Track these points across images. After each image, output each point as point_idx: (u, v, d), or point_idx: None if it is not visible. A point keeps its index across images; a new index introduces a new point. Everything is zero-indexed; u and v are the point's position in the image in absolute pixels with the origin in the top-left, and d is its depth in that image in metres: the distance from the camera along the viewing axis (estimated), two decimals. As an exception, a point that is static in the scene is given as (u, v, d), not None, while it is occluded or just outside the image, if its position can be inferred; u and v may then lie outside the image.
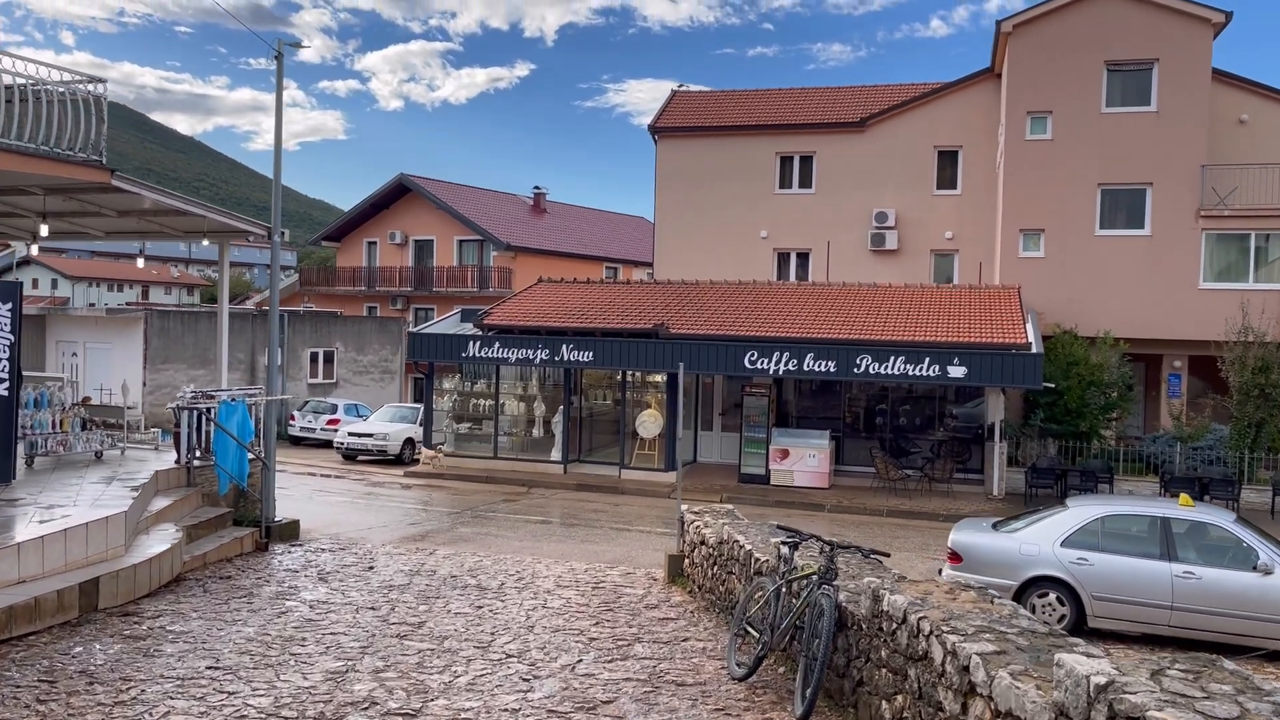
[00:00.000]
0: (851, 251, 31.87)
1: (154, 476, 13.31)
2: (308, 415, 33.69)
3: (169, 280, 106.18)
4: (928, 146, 31.40)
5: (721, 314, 24.68)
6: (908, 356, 20.73)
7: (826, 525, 19.40)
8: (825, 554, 7.26)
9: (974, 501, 21.61)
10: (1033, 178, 26.89)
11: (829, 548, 7.29)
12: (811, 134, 32.64)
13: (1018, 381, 20.12)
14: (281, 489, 22.04)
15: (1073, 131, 26.69)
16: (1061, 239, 26.72)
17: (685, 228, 33.53)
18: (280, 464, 27.03)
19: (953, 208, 31.24)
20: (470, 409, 25.95)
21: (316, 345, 38.01)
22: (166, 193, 13.27)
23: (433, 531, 17.21)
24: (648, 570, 13.66)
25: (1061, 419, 23.22)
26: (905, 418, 25.41)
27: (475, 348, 23.94)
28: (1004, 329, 22.13)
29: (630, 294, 27.10)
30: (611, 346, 23.07)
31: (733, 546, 9.92)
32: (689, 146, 33.79)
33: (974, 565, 12.28)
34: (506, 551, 15.23)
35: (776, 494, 22.15)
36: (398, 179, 46.79)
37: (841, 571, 7.54)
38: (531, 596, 11.35)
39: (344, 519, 18.31)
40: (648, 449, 24.02)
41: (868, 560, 8.12)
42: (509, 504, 20.85)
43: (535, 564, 13.76)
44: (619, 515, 19.88)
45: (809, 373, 21.49)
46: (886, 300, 25.11)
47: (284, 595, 10.92)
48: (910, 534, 18.80)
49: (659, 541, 16.95)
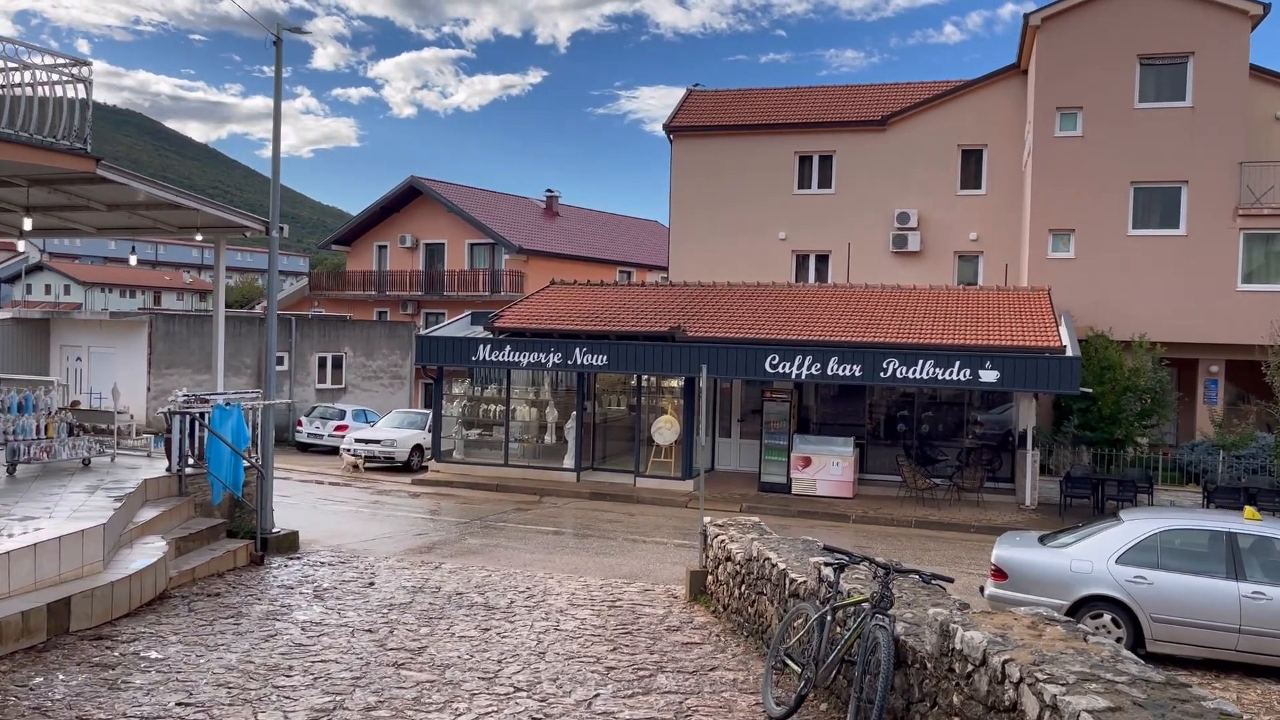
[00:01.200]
0: (872, 253, 30.97)
1: (142, 485, 12.52)
2: (315, 421, 32.93)
3: (181, 286, 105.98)
4: (951, 145, 30.50)
5: (740, 316, 23.81)
6: (937, 360, 19.81)
7: (852, 537, 18.49)
8: (879, 578, 6.37)
9: (1005, 512, 20.65)
10: (1062, 176, 25.95)
11: (883, 571, 6.39)
12: (831, 133, 31.77)
13: (1053, 386, 19.17)
14: (284, 497, 21.32)
15: (1104, 128, 25.74)
16: (1092, 239, 25.76)
17: (701, 229, 32.69)
18: (285, 471, 26.36)
19: (977, 208, 30.32)
20: (480, 414, 25.13)
21: (325, 350, 37.27)
22: (156, 184, 12.50)
23: (440, 543, 16.37)
24: (667, 587, 12.79)
25: (1096, 426, 22.24)
26: (929, 424, 24.48)
27: (486, 351, 23.13)
28: (1036, 332, 21.19)
29: (645, 296, 26.26)
30: (626, 350, 22.22)
31: (763, 565, 9.04)
32: (705, 146, 32.96)
33: (1020, 583, 11.37)
34: (517, 565, 14.38)
35: (798, 504, 21.24)
36: (408, 181, 46.11)
37: (896, 599, 6.63)
38: (543, 617, 10.48)
39: (348, 529, 17.49)
40: (664, 456, 23.14)
41: (927, 586, 7.20)
42: (520, 513, 20.01)
43: (547, 579, 12.90)
44: (634, 526, 19.01)
45: (833, 377, 20.59)
46: (911, 302, 24.20)
47: (274, 615, 10.08)
48: (941, 547, 17.86)
49: (677, 554, 16.08)
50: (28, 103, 11.08)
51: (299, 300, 50.14)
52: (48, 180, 12.53)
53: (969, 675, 5.06)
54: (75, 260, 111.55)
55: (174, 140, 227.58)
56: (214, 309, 14.50)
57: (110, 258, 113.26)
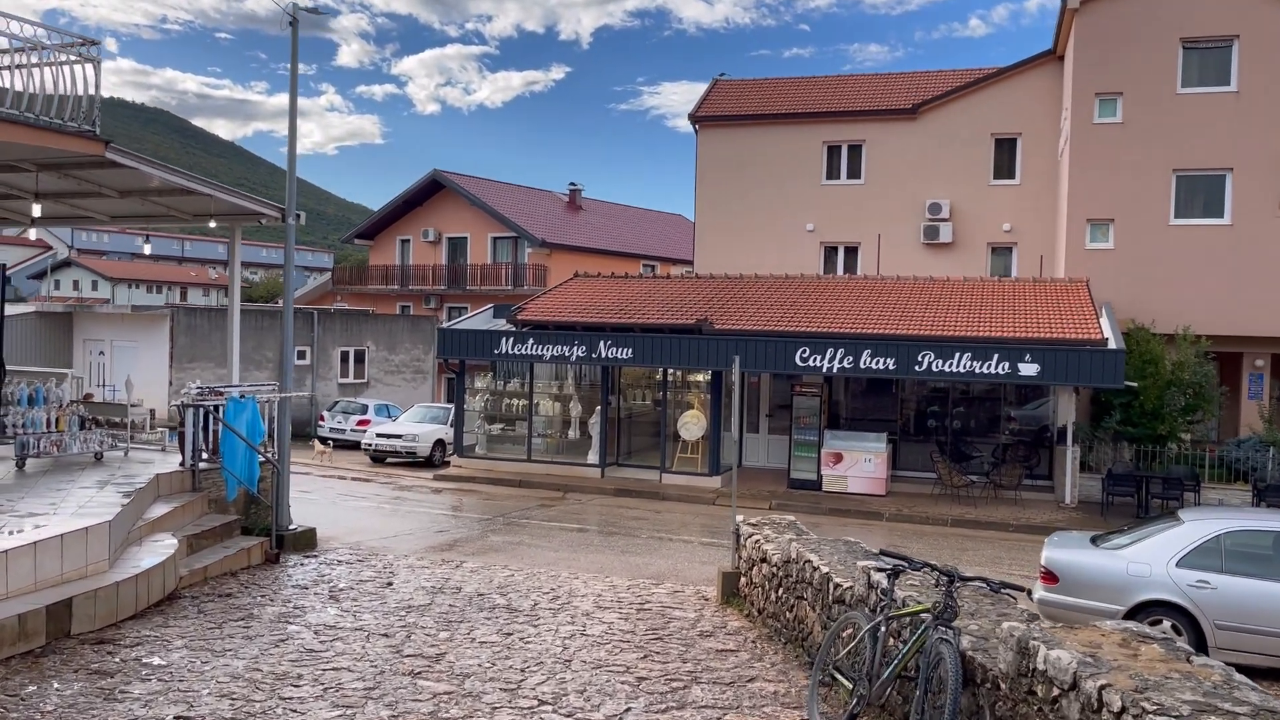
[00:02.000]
0: (903, 245, 30.20)
1: (154, 481, 12.09)
2: (337, 416, 32.63)
3: (207, 281, 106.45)
4: (984, 134, 29.68)
5: (769, 309, 23.20)
6: (974, 353, 19.12)
7: (885, 536, 17.87)
8: (941, 586, 5.78)
9: (1044, 510, 19.95)
10: (1101, 164, 25.11)
11: (946, 579, 5.80)
12: (860, 121, 31.02)
13: (1096, 380, 18.45)
14: (305, 492, 20.93)
15: (1145, 114, 24.89)
16: (1132, 229, 24.92)
17: (727, 221, 32.05)
18: (305, 466, 26.01)
19: (1011, 198, 29.50)
20: (503, 409, 24.66)
21: (347, 344, 36.96)
22: (168, 168, 12.04)
23: (461, 540, 15.90)
24: (697, 588, 12.23)
25: (1137, 421, 21.46)
26: (961, 420, 23.78)
27: (508, 344, 22.64)
28: (1077, 324, 20.47)
29: (671, 288, 25.69)
30: (652, 343, 21.66)
31: (803, 568, 8.47)
32: (731, 136, 32.29)
33: (1072, 587, 10.73)
34: (540, 564, 13.87)
35: (829, 501, 20.63)
36: (431, 175, 45.71)
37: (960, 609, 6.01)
38: (569, 620, 9.95)
39: (367, 525, 17.05)
40: (690, 452, 22.58)
41: (993, 595, 6.57)
42: (543, 510, 19.52)
43: (572, 580, 12.37)
44: (661, 523, 18.47)
45: (866, 370, 19.95)
46: (945, 294, 23.51)
47: (287, 618, 9.60)
48: (979, 546, 17.21)
49: (705, 553, 15.53)
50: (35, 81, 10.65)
51: (322, 295, 49.93)
52: (57, 165, 12.11)
53: (1055, 700, 4.47)
54: (103, 256, 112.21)
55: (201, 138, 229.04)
56: (229, 300, 14.06)
57: (137, 254, 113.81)
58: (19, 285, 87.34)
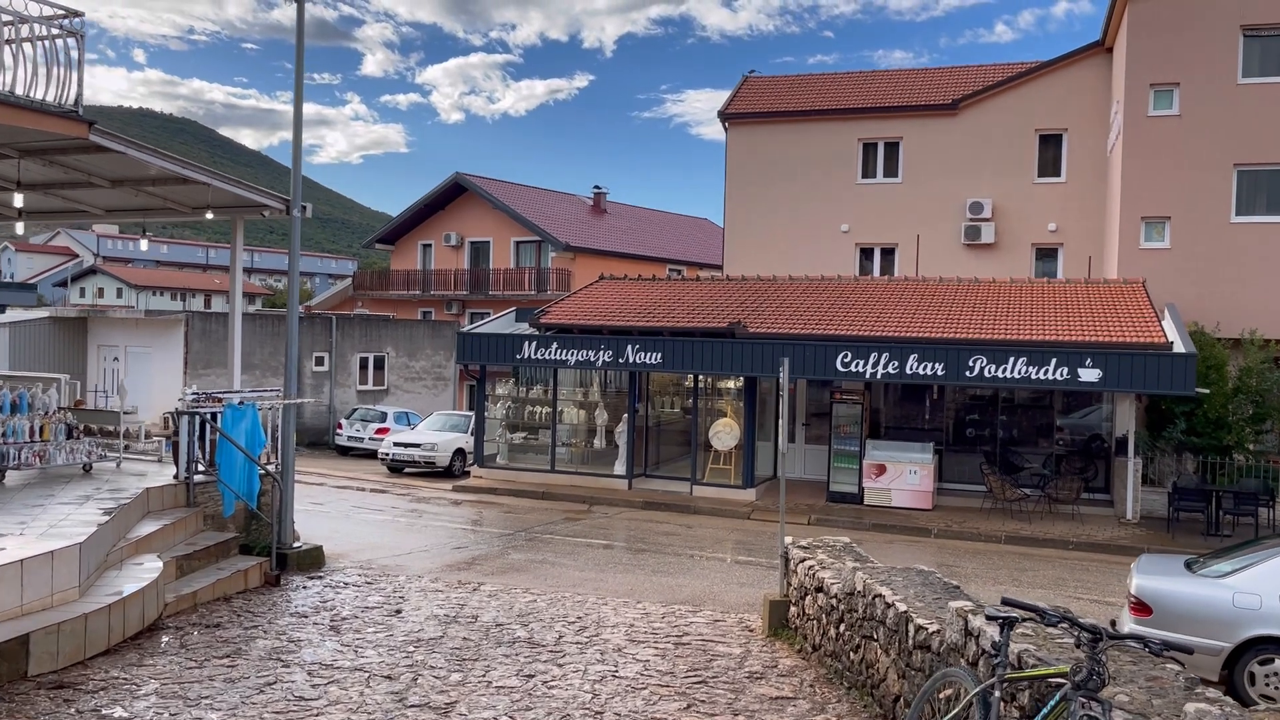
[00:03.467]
0: (942, 246, 28.91)
1: (142, 495, 11.03)
2: (355, 424, 31.69)
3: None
4: (1028, 130, 28.35)
5: (805, 312, 21.96)
6: (1030, 357, 17.81)
7: (935, 554, 16.59)
8: (1084, 645, 4.55)
9: (1104, 526, 18.58)
10: (1156, 159, 23.73)
11: (1090, 636, 4.56)
12: (898, 118, 29.77)
13: (1164, 387, 17.09)
14: (316, 505, 19.89)
15: (1203, 106, 23.49)
16: (1190, 228, 23.51)
17: (758, 223, 30.85)
18: (320, 476, 24.99)
19: (1056, 197, 28.15)
20: (525, 417, 23.54)
21: (366, 350, 36.00)
22: (160, 153, 11.01)
23: (480, 558, 14.76)
24: (739, 616, 11.03)
25: (1202, 431, 20.07)
26: (1006, 429, 22.43)
27: (531, 349, 21.53)
28: (1137, 327, 19.10)
29: (701, 291, 24.50)
30: (682, 347, 20.49)
31: (873, 603, 7.26)
32: (762, 134, 31.11)
33: (1168, 619, 9.43)
34: (565, 585, 12.72)
35: (872, 515, 19.36)
36: (453, 178, 44.79)
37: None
38: (598, 657, 8.77)
39: (381, 541, 15.95)
40: (723, 463, 21.36)
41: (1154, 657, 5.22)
42: (568, 524, 18.37)
43: (600, 606, 11.20)
44: (693, 539, 17.28)
45: (912, 376, 18.68)
46: (992, 296, 22.18)
47: (280, 654, 8.48)
48: (1039, 566, 15.89)
49: (743, 573, 14.32)
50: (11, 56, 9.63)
51: (343, 301, 49.10)
52: (40, 150, 11.11)
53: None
54: (129, 264, 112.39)
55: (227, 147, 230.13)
56: (229, 299, 13.05)
57: (163, 261, 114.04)
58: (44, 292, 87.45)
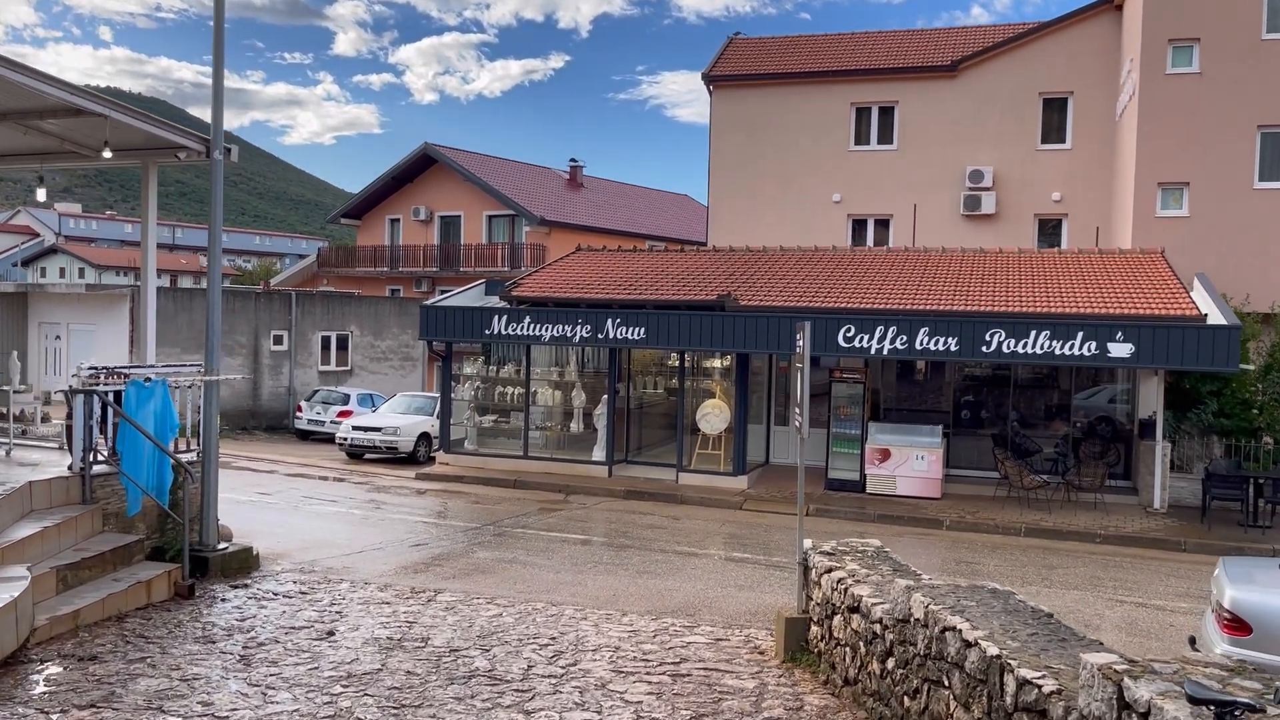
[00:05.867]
0: (940, 217, 27.19)
1: (23, 490, 9.10)
2: (316, 407, 29.72)
3: (198, 269, 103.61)
4: (1031, 93, 26.66)
5: (799, 284, 20.19)
6: (1053, 331, 16.11)
7: (949, 549, 14.91)
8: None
9: (1131, 516, 16.96)
10: (1174, 121, 22.06)
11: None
12: (893, 80, 27.97)
13: (1204, 363, 15.44)
14: (263, 495, 17.95)
15: (1225, 63, 21.83)
16: (1211, 194, 21.89)
17: (744, 193, 29.02)
18: (272, 463, 23.00)
19: (1061, 165, 26.50)
20: (496, 398, 21.65)
21: (329, 329, 33.94)
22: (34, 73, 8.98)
23: (441, 557, 12.93)
24: (744, 631, 9.26)
25: (1231, 412, 18.49)
26: (1016, 410, 20.79)
27: (501, 324, 19.63)
28: (1164, 299, 17.46)
29: (686, 262, 22.66)
30: (667, 321, 18.66)
31: (942, 638, 5.48)
32: (749, 98, 29.24)
33: (1273, 642, 7.74)
34: (537, 591, 10.91)
35: (875, 505, 17.65)
36: (422, 149, 42.65)
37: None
38: (577, 698, 6.96)
39: (331, 537, 14.10)
40: (712, 448, 19.59)
41: None
42: (542, 516, 16.55)
43: (579, 621, 9.39)
44: (681, 533, 15.51)
45: (923, 352, 16.94)
46: (1002, 266, 20.49)
47: (161, 699, 6.61)
48: (1068, 563, 14.23)
49: (740, 574, 12.57)
50: None
51: (307, 278, 46.87)
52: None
53: None
54: (92, 244, 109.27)
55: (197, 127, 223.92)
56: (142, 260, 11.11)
57: (127, 241, 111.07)
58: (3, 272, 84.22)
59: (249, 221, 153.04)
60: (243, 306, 31.84)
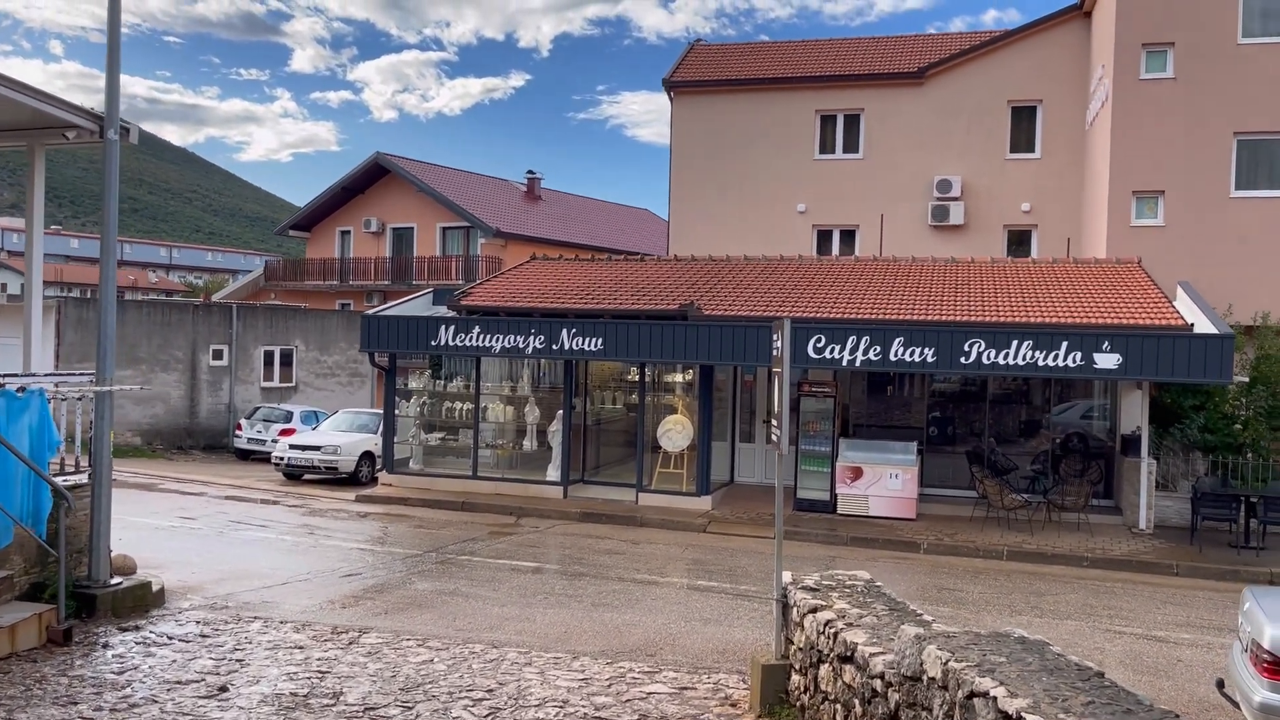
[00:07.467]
0: (908, 228, 26.39)
1: None
2: (258, 425, 28.18)
3: (147, 285, 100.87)
4: (999, 102, 26.01)
5: (766, 293, 19.14)
6: (1036, 341, 15.16)
7: (928, 574, 13.85)
8: None
9: (1117, 538, 16.01)
10: (1149, 127, 21.37)
11: None
12: (859, 87, 27.19)
13: (1195, 374, 14.56)
14: (186, 520, 16.48)
15: (1201, 68, 21.19)
16: (1187, 203, 21.20)
17: (706, 204, 28.06)
18: (203, 485, 21.46)
19: (1030, 175, 25.84)
20: (444, 414, 20.33)
21: (272, 343, 32.38)
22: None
23: (375, 588, 11.63)
24: (713, 678, 8.07)
25: (1216, 427, 17.67)
26: (991, 426, 19.86)
27: (449, 334, 18.35)
28: (1148, 308, 16.62)
29: (646, 271, 21.54)
30: (626, 331, 17.51)
31: (969, 706, 4.33)
32: (711, 105, 28.32)
33: (1324, 687, 6.70)
34: (479, 629, 9.67)
35: (848, 527, 16.56)
36: (373, 158, 41.31)
37: None
38: (511, 770, 5.74)
39: (255, 567, 12.74)
40: (673, 466, 18.41)
41: None
42: (491, 541, 15.27)
43: (522, 666, 8.15)
44: (640, 559, 14.31)
45: (899, 364, 15.91)
46: (975, 277, 19.59)
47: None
48: (1057, 589, 13.21)
49: (705, 605, 11.39)
50: None
51: (254, 292, 45.20)
52: None
53: None
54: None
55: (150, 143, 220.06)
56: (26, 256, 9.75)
57: (73, 256, 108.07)
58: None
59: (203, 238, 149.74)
60: (180, 319, 30.25)
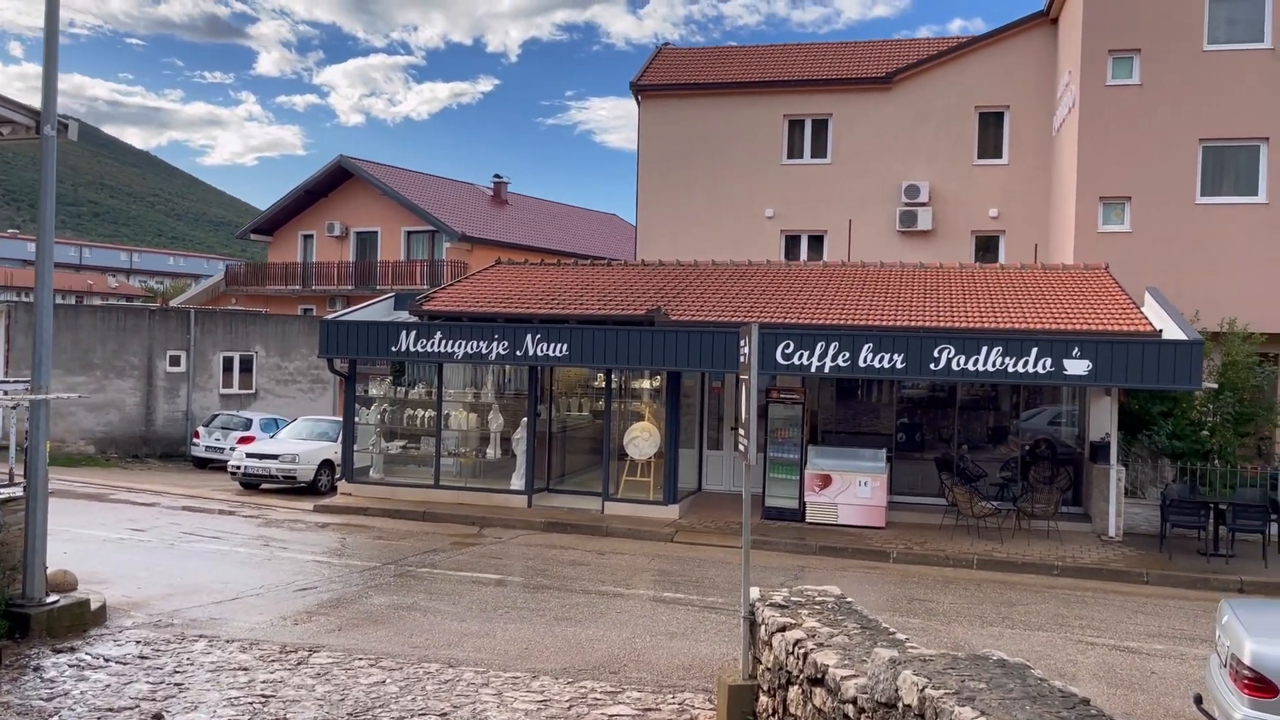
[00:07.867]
0: (876, 233, 26.25)
1: None
2: (215, 432, 27.55)
3: (106, 290, 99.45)
4: (967, 107, 25.95)
5: (734, 298, 18.89)
6: (1006, 348, 15.01)
7: (898, 584, 13.62)
8: None
9: (1087, 546, 15.88)
10: (1115, 133, 21.38)
11: None
12: (827, 92, 27.04)
13: (1165, 380, 14.46)
14: (136, 532, 15.94)
15: (1166, 74, 21.23)
16: (1153, 209, 21.20)
17: (673, 209, 27.78)
18: (155, 495, 20.84)
19: (998, 180, 25.79)
20: (405, 422, 19.88)
21: (231, 349, 31.72)
22: None
23: (330, 603, 11.21)
24: (678, 697, 7.76)
25: (1183, 434, 17.62)
26: (959, 433, 19.73)
27: (410, 340, 17.93)
28: (1116, 314, 16.54)
29: (612, 276, 21.22)
30: (592, 337, 17.18)
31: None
32: (678, 109, 28.07)
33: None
34: (436, 645, 9.29)
35: (816, 535, 16.31)
36: (336, 161, 40.69)
37: None
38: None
39: (205, 581, 12.28)
40: (640, 475, 18.09)
41: None
42: (453, 552, 14.87)
43: (479, 687, 7.80)
44: (606, 570, 13.98)
45: (868, 370, 15.70)
46: (944, 282, 19.46)
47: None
48: (1027, 598, 13.02)
49: (671, 618, 11.08)
50: None
51: (214, 297, 44.41)
52: None
53: None
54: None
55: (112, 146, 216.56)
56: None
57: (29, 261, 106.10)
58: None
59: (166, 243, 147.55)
60: (136, 324, 29.55)
